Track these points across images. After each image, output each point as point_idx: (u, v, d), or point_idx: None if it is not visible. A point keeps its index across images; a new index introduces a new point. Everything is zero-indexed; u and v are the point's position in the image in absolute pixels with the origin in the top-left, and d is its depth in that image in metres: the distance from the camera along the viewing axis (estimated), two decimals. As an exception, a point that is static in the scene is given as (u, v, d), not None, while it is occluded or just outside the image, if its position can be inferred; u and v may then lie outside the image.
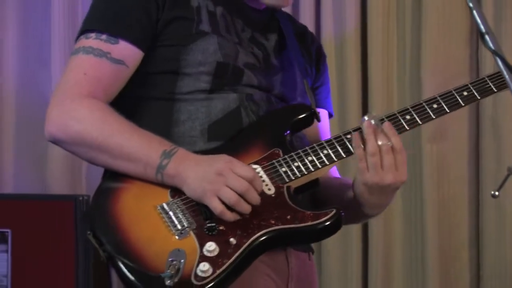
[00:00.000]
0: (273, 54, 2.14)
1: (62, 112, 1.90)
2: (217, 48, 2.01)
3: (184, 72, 2.00)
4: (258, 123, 2.04)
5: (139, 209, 1.90)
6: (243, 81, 2.03)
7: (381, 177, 1.87)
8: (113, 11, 2.01)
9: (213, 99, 2.01)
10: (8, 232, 3.03)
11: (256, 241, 1.85)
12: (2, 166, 3.47)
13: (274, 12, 2.19)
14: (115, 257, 1.80)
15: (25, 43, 3.47)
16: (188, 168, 1.86)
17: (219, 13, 2.05)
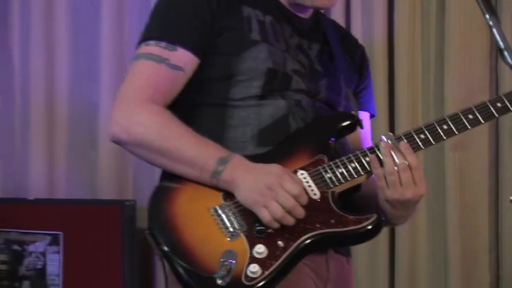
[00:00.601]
0: (319, 60, 2.19)
1: (125, 115, 1.99)
2: (267, 56, 2.07)
3: (237, 79, 2.06)
4: (305, 129, 2.09)
5: (193, 210, 1.97)
6: (291, 87, 2.08)
7: (401, 194, 1.93)
8: (172, 20, 2.08)
9: (263, 106, 2.07)
10: (60, 235, 3.15)
11: (302, 243, 1.92)
12: (55, 173, 3.55)
13: (319, 19, 2.26)
14: (170, 256, 1.90)
15: (76, 57, 3.57)
16: (241, 176, 1.94)
17: (268, 22, 2.12)
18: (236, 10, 2.06)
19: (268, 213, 1.87)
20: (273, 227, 1.89)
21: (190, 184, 1.97)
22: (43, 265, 3.19)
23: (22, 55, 3.56)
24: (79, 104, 3.55)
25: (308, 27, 2.17)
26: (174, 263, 1.89)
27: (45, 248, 3.20)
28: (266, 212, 1.86)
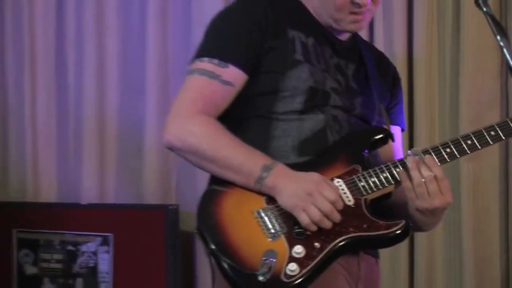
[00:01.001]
0: (355, 79, 2.26)
1: (180, 125, 2.08)
2: (309, 75, 2.15)
3: (281, 95, 2.14)
4: (341, 142, 2.18)
5: (238, 212, 2.05)
6: (329, 103, 2.17)
7: (430, 203, 2.01)
8: (224, 40, 2.16)
9: (304, 120, 2.16)
10: (110, 236, 3.28)
11: (337, 245, 2.00)
12: (105, 180, 3.67)
13: (356, 40, 2.35)
14: (217, 254, 2.00)
15: (124, 75, 3.69)
16: (283, 183, 2.01)
17: (310, 43, 2.20)
18: (282, 33, 2.15)
19: (307, 217, 1.95)
20: (311, 230, 1.98)
21: (236, 188, 2.06)
22: (95, 263, 3.32)
23: (76, 73, 3.68)
24: (127, 117, 3.66)
25: (345, 48, 2.25)
26: (220, 260, 1.98)
27: (97, 248, 3.32)
28: (305, 216, 1.95)
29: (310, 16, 2.19)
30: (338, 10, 2.11)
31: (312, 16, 2.19)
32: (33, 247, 3.44)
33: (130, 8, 3.67)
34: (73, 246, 3.36)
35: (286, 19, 2.16)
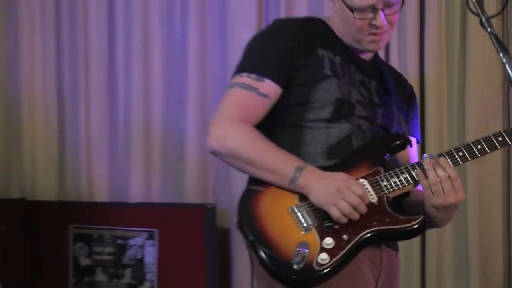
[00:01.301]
0: (376, 93, 2.37)
1: (221, 132, 2.21)
2: (336, 88, 2.25)
3: (311, 106, 2.25)
4: (365, 147, 2.28)
5: (274, 209, 2.18)
6: (354, 113, 2.27)
7: (444, 200, 2.10)
8: (261, 57, 2.28)
9: (331, 128, 2.26)
10: (155, 232, 3.49)
11: (362, 238, 2.10)
12: (151, 181, 3.86)
13: (377, 60, 2.45)
14: (256, 245, 2.13)
15: (168, 90, 3.86)
16: (314, 182, 2.12)
17: (337, 61, 2.30)
18: (313, 51, 2.27)
19: (338, 210, 2.06)
20: (341, 222, 2.08)
21: (271, 187, 2.18)
22: (142, 256, 3.53)
23: (125, 86, 3.87)
24: (170, 126, 3.82)
25: (368, 66, 2.35)
26: (259, 250, 2.11)
27: (143, 242, 3.53)
28: (336, 210, 2.06)
29: (336, 37, 2.30)
30: (358, 31, 2.22)
31: (337, 37, 2.30)
32: (87, 241, 3.64)
33: (172, 31, 3.83)
34: (122, 240, 3.58)
35: (315, 40, 2.27)
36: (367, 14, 2.20)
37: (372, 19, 2.20)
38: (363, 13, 2.19)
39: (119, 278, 3.59)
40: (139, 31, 3.82)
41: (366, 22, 2.20)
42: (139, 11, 3.83)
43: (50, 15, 3.93)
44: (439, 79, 3.37)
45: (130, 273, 3.57)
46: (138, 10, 3.83)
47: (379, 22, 2.19)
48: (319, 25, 2.33)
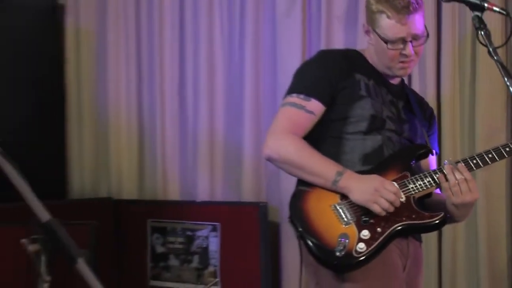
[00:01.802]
0: (403, 111, 2.53)
1: (275, 143, 2.39)
2: (370, 106, 2.42)
3: (349, 121, 2.41)
4: (395, 155, 2.43)
5: (319, 206, 2.35)
6: (385, 127, 2.43)
7: (462, 199, 2.26)
8: (309, 81, 2.45)
9: (366, 139, 2.42)
10: (218, 225, 3.75)
11: (393, 230, 2.28)
12: (214, 183, 4.10)
13: (403, 85, 2.60)
14: (304, 236, 2.31)
15: (228, 106, 4.06)
16: (353, 184, 2.29)
17: (371, 84, 2.46)
18: (351, 76, 2.44)
19: (378, 206, 2.24)
20: (381, 215, 2.25)
21: (317, 188, 2.36)
22: (207, 245, 3.76)
23: (194, 101, 4.10)
24: (231, 137, 4.06)
25: (396, 89, 2.52)
26: (307, 240, 2.30)
27: (208, 234, 3.77)
28: (377, 206, 2.24)
29: (370, 65, 2.48)
30: (390, 60, 2.41)
31: (371, 65, 2.48)
32: (162, 232, 3.89)
33: (233, 57, 4.04)
34: (191, 232, 3.81)
35: (353, 66, 2.44)
36: (398, 45, 2.37)
37: (402, 49, 2.37)
38: (395, 45, 2.37)
39: (188, 263, 3.82)
40: (205, 58, 4.04)
41: (397, 52, 2.38)
42: (205, 42, 4.03)
43: (132, 46, 4.21)
44: (453, 98, 3.51)
45: (197, 259, 3.80)
46: (205, 41, 4.03)
47: (408, 52, 2.36)
48: (356, 55, 2.51)
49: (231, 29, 4.00)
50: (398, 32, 2.34)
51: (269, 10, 3.90)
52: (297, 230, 2.34)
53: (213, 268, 3.76)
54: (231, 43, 4.01)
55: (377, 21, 2.38)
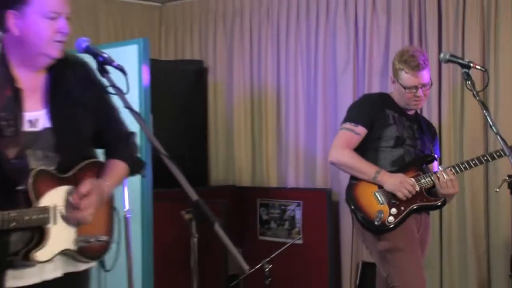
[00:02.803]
0: (417, 132, 2.80)
1: (336, 153, 2.71)
2: (395, 130, 2.71)
3: (382, 139, 2.72)
4: (412, 161, 2.72)
5: (364, 192, 2.69)
6: (406, 143, 2.73)
7: (447, 191, 2.67)
8: (357, 113, 2.75)
9: (393, 151, 2.72)
10: (301, 202, 4.33)
11: (411, 209, 2.62)
12: (299, 175, 4.54)
13: (417, 114, 2.84)
14: (355, 211, 2.68)
15: (308, 120, 4.44)
16: (386, 179, 2.65)
17: (396, 116, 2.75)
18: (383, 111, 2.73)
19: (402, 194, 2.60)
20: (402, 200, 2.58)
21: (363, 181, 2.68)
22: (294, 215, 4.33)
23: (286, 120, 4.52)
24: (309, 143, 4.51)
25: (412, 117, 2.80)
26: (357, 214, 2.66)
27: (294, 208, 4.34)
28: (400, 193, 2.61)
29: (395, 103, 2.77)
30: (408, 99, 2.71)
31: (395, 103, 2.76)
32: (266, 206, 4.49)
33: (310, 90, 4.50)
34: (284, 206, 4.38)
35: (385, 105, 2.74)
36: (412, 90, 2.66)
37: (415, 93, 2.67)
38: (410, 90, 2.66)
39: (282, 226, 4.38)
40: (293, 91, 4.46)
41: (412, 94, 2.68)
42: (294, 82, 4.46)
43: (248, 91, 4.70)
44: (449, 123, 3.93)
45: (287, 223, 4.35)
46: (295, 83, 4.46)
47: (419, 95, 2.67)
48: (386, 97, 2.83)
49: (309, 76, 4.54)
50: (413, 82, 2.67)
51: (333, 68, 4.41)
52: (350, 207, 2.72)
53: (298, 229, 4.30)
54: (309, 83, 4.54)
55: (399, 75, 2.71)
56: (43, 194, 1.77)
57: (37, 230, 1.76)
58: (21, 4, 1.74)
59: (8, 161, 1.71)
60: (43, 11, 1.75)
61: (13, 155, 1.71)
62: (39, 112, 1.82)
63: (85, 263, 1.94)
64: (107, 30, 4.85)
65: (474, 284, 3.81)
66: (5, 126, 1.71)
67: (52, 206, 1.80)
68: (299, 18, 4.49)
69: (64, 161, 1.84)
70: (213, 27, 4.94)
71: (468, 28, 3.81)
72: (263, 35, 4.67)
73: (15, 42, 1.78)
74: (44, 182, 1.79)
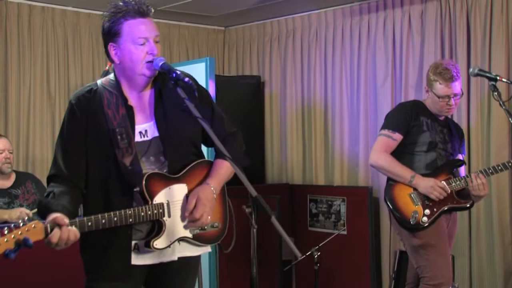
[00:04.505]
0: (448, 136, 2.75)
1: (376, 157, 2.68)
2: (429, 136, 2.68)
3: (417, 144, 2.68)
4: (444, 165, 2.67)
5: (401, 193, 2.66)
6: (437, 147, 2.69)
7: (479, 193, 2.64)
8: (394, 121, 2.71)
9: (427, 155, 2.68)
10: (345, 198, 4.26)
11: (442, 210, 2.60)
12: (343, 176, 4.43)
13: (447, 118, 2.76)
14: (392, 210, 2.64)
15: (351, 128, 4.37)
16: (420, 182, 2.61)
17: (429, 122, 2.70)
18: (418, 118, 2.69)
19: (434, 196, 2.59)
20: (435, 201, 2.56)
21: (400, 183, 2.65)
22: (339, 209, 4.28)
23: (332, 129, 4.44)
24: (352, 148, 4.46)
25: (442, 122, 2.75)
26: (394, 213, 2.65)
27: (340, 203, 4.27)
28: (434, 195, 2.59)
29: (428, 110, 2.71)
30: (441, 107, 2.67)
31: (428, 110, 2.71)
32: (315, 202, 4.44)
33: (353, 102, 4.37)
34: (330, 202, 4.33)
35: (419, 112, 2.70)
36: (445, 99, 2.63)
37: (448, 102, 2.63)
38: (444, 99, 2.63)
39: (329, 218, 4.33)
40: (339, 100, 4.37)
41: (444, 103, 2.65)
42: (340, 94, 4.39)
43: (299, 100, 4.67)
44: (477, 128, 3.82)
45: (334, 217, 4.29)
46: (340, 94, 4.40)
47: (451, 103, 2.64)
48: (420, 104, 2.79)
49: (352, 89, 4.49)
50: (446, 92, 2.64)
51: (373, 82, 4.38)
52: (388, 207, 2.72)
53: (343, 221, 4.26)
54: (352, 95, 4.49)
55: (433, 85, 2.67)
56: (156, 193, 1.84)
57: (155, 223, 1.85)
58: (116, 37, 1.83)
59: (126, 168, 1.80)
60: (132, 39, 1.82)
61: (129, 163, 1.81)
62: (147, 124, 1.89)
63: (201, 247, 1.99)
64: (179, 51, 4.98)
65: (501, 271, 3.73)
66: (120, 140, 1.81)
67: (166, 202, 1.86)
68: (343, 38, 4.49)
69: (173, 163, 1.89)
70: (269, 47, 4.98)
71: (494, 44, 3.73)
72: (312, 53, 4.67)
73: (120, 69, 1.88)
74: (156, 183, 1.86)
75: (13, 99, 4.09)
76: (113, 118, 1.83)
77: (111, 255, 1.86)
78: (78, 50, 4.31)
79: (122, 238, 1.85)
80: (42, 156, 4.13)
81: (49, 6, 4.21)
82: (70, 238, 1.68)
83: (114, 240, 1.84)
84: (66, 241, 1.68)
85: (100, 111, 1.84)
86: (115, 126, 1.81)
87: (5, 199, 3.33)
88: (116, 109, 1.84)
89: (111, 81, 1.90)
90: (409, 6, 4.10)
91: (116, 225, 1.77)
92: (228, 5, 4.40)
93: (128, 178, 1.80)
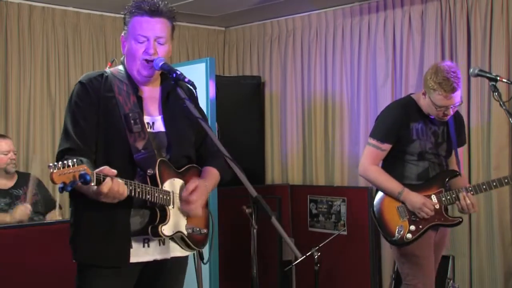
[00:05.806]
0: (441, 136, 2.63)
1: (364, 168, 2.66)
2: (418, 145, 2.61)
3: (407, 153, 2.63)
4: (436, 176, 2.60)
5: (389, 206, 2.61)
6: (428, 157, 2.62)
7: (467, 212, 2.62)
8: (383, 129, 2.64)
9: (418, 164, 2.62)
10: (345, 199, 4.24)
11: (428, 227, 2.55)
12: (344, 176, 4.41)
13: None
14: (377, 224, 2.59)
15: (351, 129, 4.33)
16: (409, 198, 2.55)
17: (420, 127, 2.60)
18: (408, 126, 2.60)
19: (423, 213, 2.54)
20: (422, 218, 2.52)
21: (388, 197, 2.62)
22: (339, 209, 4.25)
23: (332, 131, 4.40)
24: (352, 150, 4.44)
25: (438, 123, 2.65)
26: (378, 226, 2.65)
27: (340, 203, 4.27)
28: (423, 213, 2.54)
29: (421, 111, 2.61)
30: (437, 114, 2.57)
31: (422, 111, 2.61)
32: (315, 202, 4.41)
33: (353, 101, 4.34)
34: (331, 202, 4.27)
35: (411, 117, 2.58)
36: (442, 109, 2.55)
37: (445, 110, 2.56)
38: (441, 108, 2.55)
39: (329, 219, 4.33)
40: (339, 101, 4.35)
41: (442, 111, 2.58)
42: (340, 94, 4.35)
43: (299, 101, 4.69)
44: (477, 129, 3.77)
45: (334, 217, 4.29)
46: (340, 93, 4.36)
47: (448, 113, 2.57)
48: (413, 106, 2.63)
49: (352, 89, 4.49)
50: (444, 103, 2.56)
51: (373, 82, 4.35)
52: (374, 218, 2.70)
53: (343, 222, 4.26)
54: (353, 95, 4.47)
55: (432, 93, 2.56)
56: (166, 180, 1.87)
57: (160, 209, 1.85)
58: (126, 30, 1.90)
59: (139, 152, 1.81)
60: (134, 35, 1.87)
61: (142, 146, 1.82)
62: (156, 117, 1.92)
63: (189, 249, 2.00)
64: (180, 51, 4.97)
65: (501, 271, 3.71)
66: (133, 124, 1.84)
67: (171, 191, 1.89)
68: (344, 38, 4.48)
69: (172, 160, 1.91)
70: (269, 47, 4.98)
71: (494, 44, 3.72)
72: (312, 53, 4.67)
73: (127, 61, 1.93)
74: (166, 170, 1.88)
75: (13, 99, 4.10)
76: (125, 104, 1.85)
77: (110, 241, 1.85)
78: (78, 50, 4.33)
79: (120, 226, 1.85)
80: (42, 156, 4.13)
81: (49, 6, 4.23)
82: (120, 191, 1.67)
83: (113, 227, 1.84)
84: (115, 193, 1.66)
85: (111, 96, 1.86)
86: (128, 111, 1.83)
87: (6, 199, 3.34)
88: (127, 97, 1.86)
89: (120, 71, 1.93)
90: (409, 6, 4.10)
91: (139, 197, 1.77)
92: (228, 5, 4.42)
93: (140, 161, 1.81)
